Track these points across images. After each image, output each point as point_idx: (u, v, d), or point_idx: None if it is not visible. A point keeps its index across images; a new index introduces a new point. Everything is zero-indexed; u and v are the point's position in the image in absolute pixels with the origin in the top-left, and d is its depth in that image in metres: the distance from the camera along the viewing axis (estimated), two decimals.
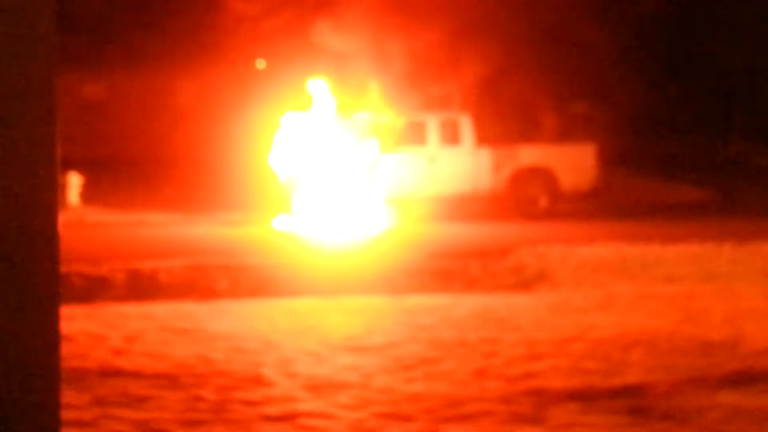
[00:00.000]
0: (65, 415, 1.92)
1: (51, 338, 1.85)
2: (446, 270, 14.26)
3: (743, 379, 7.77)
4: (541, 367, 8.22)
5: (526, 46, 24.87)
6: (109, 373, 8.01)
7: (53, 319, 1.85)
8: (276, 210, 19.43)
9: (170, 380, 7.81)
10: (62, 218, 1.94)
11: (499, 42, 24.40)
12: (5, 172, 1.82)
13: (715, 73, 30.34)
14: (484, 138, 20.92)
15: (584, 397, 7.33)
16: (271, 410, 7.06)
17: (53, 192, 1.85)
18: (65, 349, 1.92)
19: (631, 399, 7.28)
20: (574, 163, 21.07)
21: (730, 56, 30.10)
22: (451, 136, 20.68)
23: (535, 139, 22.22)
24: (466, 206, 20.40)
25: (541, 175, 20.82)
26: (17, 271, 1.81)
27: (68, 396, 6.96)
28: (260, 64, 29.04)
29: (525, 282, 13.81)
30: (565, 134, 24.17)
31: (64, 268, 1.92)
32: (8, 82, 1.84)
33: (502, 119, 24.09)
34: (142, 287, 13.34)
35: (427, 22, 23.06)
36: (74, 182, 21.80)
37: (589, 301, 11.32)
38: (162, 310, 11.02)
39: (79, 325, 9.69)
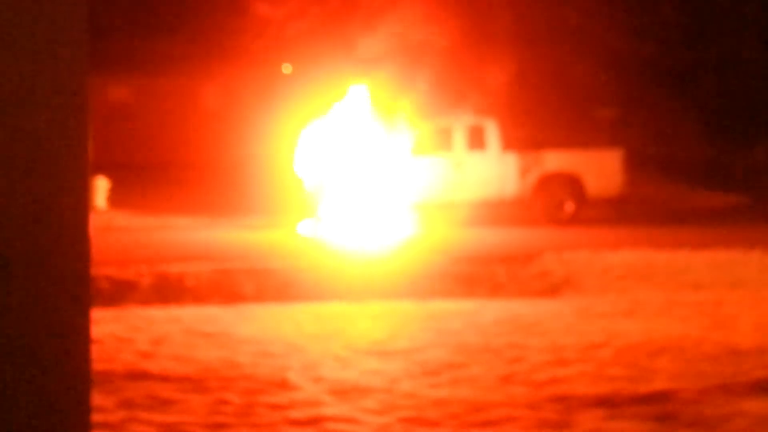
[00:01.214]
0: (91, 417, 1.92)
1: (82, 341, 1.86)
2: (472, 275, 14.25)
3: None
4: (567, 373, 8.19)
5: (554, 52, 24.82)
6: (136, 375, 8.04)
7: (84, 323, 1.86)
8: (301, 214, 19.46)
9: (196, 383, 7.83)
10: (90, 222, 1.95)
11: (527, 48, 24.36)
12: (38, 177, 1.83)
13: (742, 79, 30.18)
14: (510, 143, 20.88)
15: (610, 403, 7.30)
16: (297, 414, 7.06)
17: (85, 196, 1.87)
18: (92, 351, 1.93)
19: (657, 405, 7.24)
20: (601, 168, 20.99)
21: (757, 62, 29.93)
22: (478, 142, 20.65)
23: (561, 145, 22.16)
24: (492, 211, 20.36)
25: (568, 181, 20.76)
26: (49, 275, 1.82)
27: (95, 398, 6.98)
28: (286, 68, 29.10)
29: (551, 288, 13.77)
30: (591, 140, 24.10)
31: (91, 272, 1.93)
32: (41, 86, 1.85)
33: (529, 124, 24.06)
34: (169, 291, 13.39)
35: (455, 28, 23.05)
36: (101, 186, 21.92)
37: (615, 307, 11.27)
38: (188, 313, 11.06)
39: (106, 328, 9.73)
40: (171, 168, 27.37)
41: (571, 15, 24.27)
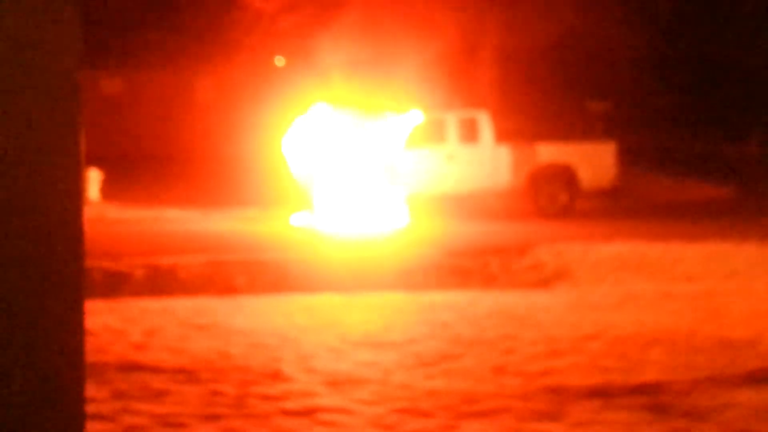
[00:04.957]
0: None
1: (76, 333, 1.86)
2: (465, 267, 14.26)
3: (763, 377, 7.74)
4: (559, 364, 8.22)
5: (547, 44, 24.81)
6: (129, 367, 8.05)
7: (78, 314, 1.86)
8: (294, 206, 19.45)
9: (189, 375, 7.83)
10: (83, 214, 1.96)
11: (520, 41, 24.36)
12: (31, 169, 1.84)
13: (735, 71, 30.22)
14: (503, 135, 20.88)
15: (603, 394, 7.32)
16: (290, 405, 7.07)
17: (78, 188, 1.87)
18: (86, 343, 1.93)
19: (650, 397, 7.27)
20: (594, 160, 21.00)
21: (750, 54, 29.97)
22: (471, 134, 20.64)
23: (555, 137, 22.16)
24: (485, 204, 20.37)
25: (561, 173, 20.76)
26: (43, 267, 1.83)
27: (88, 390, 6.98)
28: (279, 61, 29.09)
29: (544, 280, 13.80)
30: (584, 132, 24.12)
31: (85, 263, 1.93)
32: (33, 78, 1.85)
33: (522, 117, 24.06)
34: (162, 282, 13.39)
35: (448, 19, 23.04)
36: (94, 178, 21.88)
37: (608, 299, 11.30)
38: (181, 305, 11.06)
39: (99, 319, 9.73)
40: (164, 160, 27.35)
41: (564, 8, 24.27)
